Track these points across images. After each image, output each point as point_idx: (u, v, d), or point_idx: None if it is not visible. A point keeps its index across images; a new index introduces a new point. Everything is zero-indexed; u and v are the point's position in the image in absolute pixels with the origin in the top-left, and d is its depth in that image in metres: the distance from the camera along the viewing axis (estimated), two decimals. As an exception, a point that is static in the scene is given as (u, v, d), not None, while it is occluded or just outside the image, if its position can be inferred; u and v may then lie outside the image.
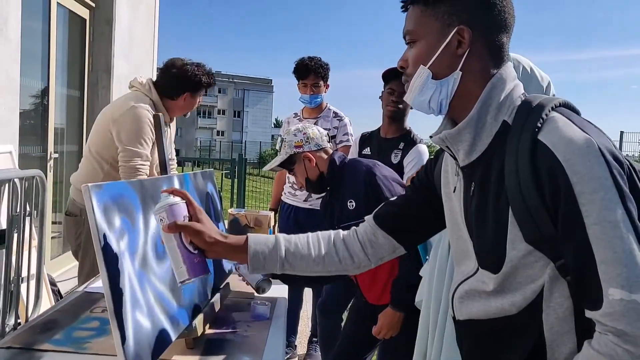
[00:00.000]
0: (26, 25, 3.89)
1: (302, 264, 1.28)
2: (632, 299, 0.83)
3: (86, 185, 1.15)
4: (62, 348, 1.50)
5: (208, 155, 34.00)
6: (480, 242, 1.06)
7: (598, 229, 0.86)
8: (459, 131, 1.05)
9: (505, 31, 1.05)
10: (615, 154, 0.91)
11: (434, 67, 1.06)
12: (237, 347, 1.59)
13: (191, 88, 2.77)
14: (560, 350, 0.97)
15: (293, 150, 2.25)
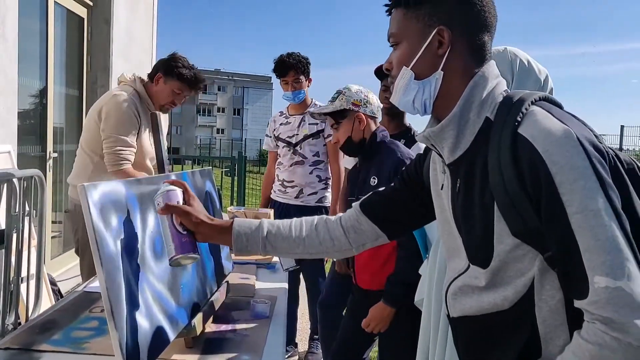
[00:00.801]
0: (24, 25, 3.89)
1: (283, 245, 1.34)
2: (617, 286, 0.84)
3: (82, 185, 1.14)
4: (60, 348, 1.50)
5: (208, 153, 33.98)
6: (468, 237, 1.08)
7: (580, 218, 0.87)
8: (442, 129, 1.07)
9: (486, 30, 1.07)
10: (596, 143, 0.92)
11: (416, 67, 1.08)
12: (236, 345, 1.59)
13: (163, 69, 2.74)
14: (554, 343, 0.98)
15: (350, 105, 2.29)
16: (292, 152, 3.46)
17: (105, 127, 2.65)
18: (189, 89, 2.78)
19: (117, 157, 2.61)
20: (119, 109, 2.63)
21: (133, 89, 2.75)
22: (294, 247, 1.35)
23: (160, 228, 1.30)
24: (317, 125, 3.42)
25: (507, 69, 1.55)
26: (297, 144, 3.44)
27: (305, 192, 3.43)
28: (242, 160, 8.31)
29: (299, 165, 3.43)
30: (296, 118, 3.49)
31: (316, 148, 3.43)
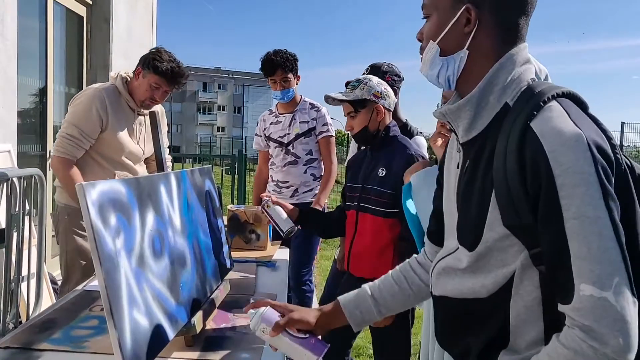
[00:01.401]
0: (23, 24, 3.88)
1: (395, 301, 1.32)
2: (602, 296, 0.84)
3: (80, 184, 1.14)
4: (60, 347, 1.50)
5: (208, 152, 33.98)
6: (462, 217, 1.08)
7: (576, 224, 0.86)
8: (458, 107, 1.05)
9: (520, 11, 1.03)
10: (606, 151, 0.90)
11: (443, 43, 1.06)
12: (236, 344, 1.59)
13: (142, 62, 2.65)
14: (523, 337, 0.99)
15: (370, 96, 2.31)
16: (285, 152, 3.42)
17: (67, 112, 2.62)
18: (167, 83, 2.65)
19: (62, 143, 2.54)
20: (83, 101, 2.58)
21: (111, 85, 2.68)
22: (405, 299, 1.33)
23: (273, 348, 1.29)
24: (308, 123, 3.39)
25: None
26: (289, 143, 3.40)
27: (300, 190, 3.41)
28: (242, 159, 8.30)
29: (293, 165, 3.40)
30: (286, 117, 3.44)
31: (308, 146, 3.40)
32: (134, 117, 2.73)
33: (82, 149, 2.58)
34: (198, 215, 1.83)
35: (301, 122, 3.39)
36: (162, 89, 2.65)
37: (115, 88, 2.66)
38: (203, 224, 1.86)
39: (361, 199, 2.33)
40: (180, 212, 1.66)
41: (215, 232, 1.99)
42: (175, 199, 1.64)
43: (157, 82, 2.62)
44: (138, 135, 2.77)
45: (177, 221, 1.62)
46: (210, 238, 1.91)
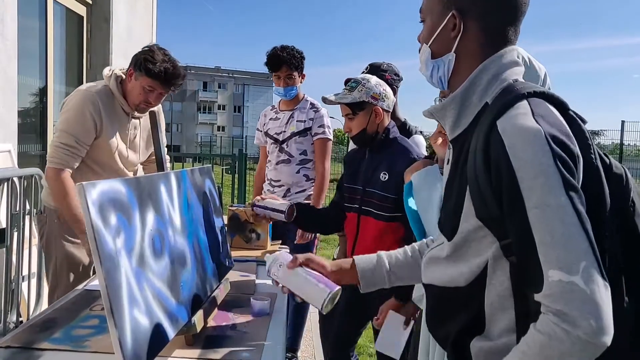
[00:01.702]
0: (23, 23, 3.89)
1: (405, 273, 1.41)
2: (571, 280, 0.86)
3: (80, 183, 1.14)
4: (61, 346, 1.50)
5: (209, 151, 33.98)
6: (444, 208, 1.16)
7: (538, 213, 0.90)
8: (443, 106, 1.12)
9: (508, 17, 1.08)
10: (567, 145, 0.94)
11: (433, 46, 1.13)
12: (237, 343, 1.59)
13: (134, 63, 2.46)
14: (496, 325, 1.03)
15: (369, 98, 2.26)
16: (279, 149, 3.37)
17: (59, 120, 2.44)
18: (161, 86, 2.44)
19: (57, 153, 2.36)
20: (75, 105, 2.39)
21: (104, 85, 2.49)
22: (414, 273, 1.39)
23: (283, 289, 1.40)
24: (305, 122, 3.33)
25: None
26: (283, 141, 3.35)
27: (292, 190, 3.35)
28: (242, 158, 8.30)
29: (285, 164, 3.35)
30: (285, 114, 3.39)
31: (303, 146, 3.34)
32: (127, 121, 2.56)
33: (79, 157, 2.41)
34: (198, 214, 1.84)
35: (298, 120, 3.34)
36: (157, 91, 2.46)
37: (107, 90, 2.48)
38: (203, 224, 1.87)
39: (363, 203, 2.31)
40: (180, 211, 1.66)
41: (216, 232, 1.99)
42: (175, 199, 1.65)
43: (150, 85, 2.43)
44: (132, 140, 2.62)
45: (178, 220, 1.62)
46: (211, 237, 1.91)
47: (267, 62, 3.32)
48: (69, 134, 2.36)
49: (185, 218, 1.69)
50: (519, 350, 0.93)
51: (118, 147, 2.51)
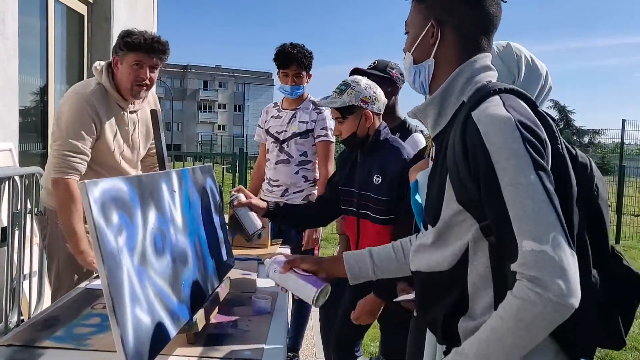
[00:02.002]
0: (24, 22, 3.88)
1: (389, 267, 1.53)
2: (542, 249, 0.97)
3: (82, 182, 1.14)
4: (63, 345, 1.51)
5: (209, 150, 33.98)
6: (428, 198, 1.27)
7: (511, 190, 1.01)
8: (425, 107, 1.24)
9: (481, 27, 1.21)
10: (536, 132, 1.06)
11: (415, 53, 1.26)
12: (238, 341, 1.59)
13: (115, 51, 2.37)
14: (478, 304, 1.12)
15: (358, 102, 2.24)
16: (279, 148, 3.31)
17: (56, 127, 2.34)
18: (146, 55, 2.33)
19: (63, 162, 2.27)
20: (72, 109, 2.30)
21: (97, 83, 2.39)
22: (398, 267, 1.53)
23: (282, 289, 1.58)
24: (307, 124, 3.25)
25: (513, 63, 1.58)
26: (284, 141, 3.29)
27: (290, 190, 3.30)
28: (243, 157, 8.30)
29: (285, 164, 3.28)
30: (288, 113, 3.32)
31: (304, 148, 3.27)
32: (125, 118, 2.49)
33: (86, 162, 2.33)
34: (199, 213, 1.84)
35: (300, 121, 3.27)
36: (145, 64, 2.35)
37: (101, 88, 2.38)
38: (204, 222, 1.87)
39: (360, 206, 2.30)
40: (181, 210, 1.66)
41: (217, 230, 1.99)
42: (176, 197, 1.65)
43: (136, 60, 2.33)
44: (131, 137, 2.56)
45: (179, 219, 1.63)
46: (212, 236, 1.91)
47: (276, 58, 3.24)
48: (74, 141, 2.28)
49: (186, 216, 1.69)
50: (497, 315, 1.03)
51: (118, 145, 2.47)
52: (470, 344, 1.06)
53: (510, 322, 1.00)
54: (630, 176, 11.96)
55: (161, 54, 2.37)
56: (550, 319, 0.97)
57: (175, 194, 1.65)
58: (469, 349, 1.06)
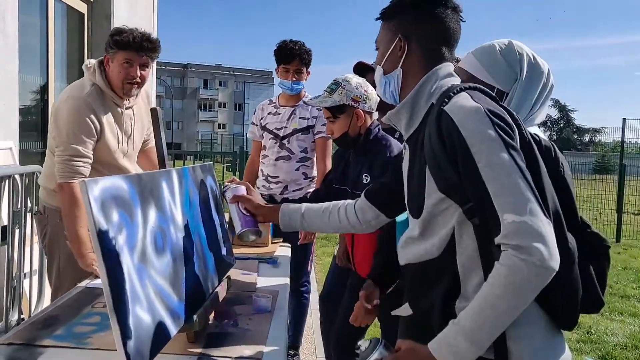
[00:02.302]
0: (24, 21, 3.88)
1: (315, 222, 1.75)
2: (522, 220, 1.09)
3: (83, 180, 1.14)
4: (63, 343, 1.51)
5: (209, 149, 33.98)
6: (409, 194, 1.38)
7: (488, 170, 1.13)
8: (397, 111, 1.37)
9: (442, 41, 1.36)
10: (504, 117, 1.19)
11: (385, 65, 1.41)
12: (238, 340, 1.59)
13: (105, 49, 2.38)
14: (470, 283, 1.22)
15: (349, 101, 2.25)
16: (279, 145, 3.29)
17: (56, 133, 2.35)
18: (136, 54, 2.33)
19: (68, 168, 2.28)
20: (71, 114, 2.30)
21: (92, 84, 2.39)
22: (322, 225, 1.75)
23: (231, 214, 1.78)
24: (308, 120, 3.26)
25: (515, 61, 1.58)
26: (284, 137, 3.28)
27: (290, 188, 3.29)
28: (243, 155, 8.31)
29: (285, 160, 3.28)
30: (287, 110, 3.32)
31: (304, 144, 3.27)
32: (121, 115, 2.49)
33: (90, 165, 2.34)
34: (200, 211, 1.84)
35: (301, 117, 3.27)
36: (135, 62, 2.35)
37: (97, 89, 2.39)
38: (205, 221, 1.87)
39: None
40: (182, 208, 1.66)
41: (217, 229, 1.99)
42: (177, 196, 1.65)
43: (126, 58, 2.33)
44: (129, 132, 2.56)
45: (179, 218, 1.62)
46: (212, 235, 1.91)
47: (277, 53, 3.25)
48: (77, 145, 2.29)
49: (186, 215, 1.69)
50: (487, 284, 1.13)
51: (118, 143, 2.48)
52: (465, 314, 1.15)
53: (500, 289, 1.10)
54: (631, 175, 11.96)
55: (151, 52, 2.37)
56: (536, 282, 1.08)
57: (175, 193, 1.64)
58: (464, 319, 1.14)
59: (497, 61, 1.58)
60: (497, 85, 1.57)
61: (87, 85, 2.39)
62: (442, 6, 1.34)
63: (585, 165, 21.16)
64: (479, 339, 1.12)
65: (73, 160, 2.28)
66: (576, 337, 4.16)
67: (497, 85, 1.57)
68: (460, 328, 1.14)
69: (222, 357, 1.48)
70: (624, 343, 4.09)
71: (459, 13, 1.37)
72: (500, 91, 1.58)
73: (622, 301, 5.28)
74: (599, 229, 1.34)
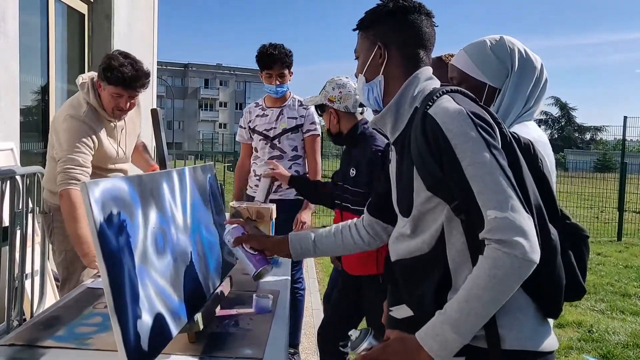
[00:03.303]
0: (24, 21, 3.88)
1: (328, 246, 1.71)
2: (503, 215, 1.14)
3: (83, 182, 1.14)
4: (64, 344, 1.51)
5: (210, 148, 33.99)
6: (398, 194, 1.43)
7: (471, 169, 1.18)
8: (382, 116, 1.43)
9: (420, 46, 1.41)
10: (485, 118, 1.24)
11: (367, 73, 1.46)
12: (239, 340, 1.59)
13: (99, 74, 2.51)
14: (461, 276, 1.25)
15: (325, 101, 2.54)
16: (270, 145, 3.38)
17: (58, 148, 2.51)
18: (124, 90, 2.49)
19: (67, 176, 2.42)
20: (70, 132, 2.48)
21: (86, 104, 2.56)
22: (337, 248, 1.72)
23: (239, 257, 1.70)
24: (296, 119, 3.35)
25: (506, 57, 1.58)
26: (275, 137, 3.36)
27: (283, 186, 3.27)
28: (244, 155, 8.29)
29: (278, 159, 3.33)
30: (274, 111, 3.40)
31: (295, 143, 3.37)
32: (114, 128, 2.67)
33: (88, 174, 2.48)
34: (200, 212, 1.84)
35: (289, 117, 3.36)
36: (124, 96, 2.52)
37: (91, 108, 2.56)
38: (205, 221, 1.87)
39: (342, 199, 2.47)
40: (182, 209, 1.66)
41: (218, 229, 1.99)
42: (177, 196, 1.65)
43: (115, 92, 2.49)
44: (119, 140, 2.73)
45: (180, 218, 1.63)
46: (213, 235, 1.91)
47: (258, 60, 3.34)
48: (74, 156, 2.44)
49: (187, 216, 1.69)
50: (472, 276, 1.18)
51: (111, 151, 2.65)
52: (451, 304, 1.20)
53: (485, 280, 1.15)
54: (632, 173, 11.94)
55: (140, 88, 2.53)
56: (519, 274, 1.14)
57: (176, 193, 1.64)
58: (450, 310, 1.20)
59: (487, 57, 1.58)
60: (488, 82, 1.58)
61: (83, 104, 2.56)
62: (416, 13, 1.41)
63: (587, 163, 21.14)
64: (464, 328, 1.18)
65: (71, 168, 2.42)
66: (577, 336, 4.15)
67: (488, 81, 1.58)
68: (446, 318, 1.19)
69: (223, 357, 1.48)
70: (625, 342, 4.08)
71: (432, 18, 1.45)
72: (493, 88, 1.58)
73: (624, 300, 5.28)
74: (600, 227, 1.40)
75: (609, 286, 5.76)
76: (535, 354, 1.24)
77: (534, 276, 1.17)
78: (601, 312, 4.87)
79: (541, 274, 1.20)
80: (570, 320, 4.44)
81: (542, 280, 1.22)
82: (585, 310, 4.88)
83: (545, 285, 1.25)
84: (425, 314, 1.27)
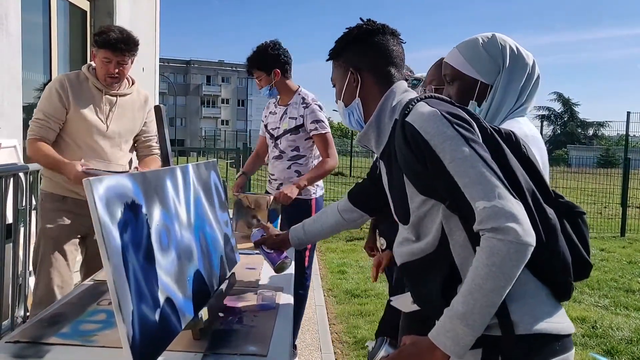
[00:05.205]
0: (26, 19, 3.89)
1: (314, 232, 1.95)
2: (492, 204, 1.17)
3: (87, 179, 1.14)
4: (69, 341, 1.51)
5: (213, 145, 34.00)
6: (394, 203, 1.47)
7: (453, 165, 1.22)
8: (365, 132, 1.49)
9: (390, 64, 1.49)
10: (461, 115, 1.29)
11: (344, 99, 1.54)
12: (243, 337, 1.59)
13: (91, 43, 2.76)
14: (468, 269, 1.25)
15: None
16: (274, 145, 3.41)
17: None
18: (112, 53, 2.65)
19: (30, 127, 2.66)
20: (46, 88, 2.72)
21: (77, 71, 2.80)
22: (321, 232, 1.95)
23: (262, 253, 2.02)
24: (296, 120, 3.29)
25: (497, 54, 1.60)
26: (277, 137, 3.38)
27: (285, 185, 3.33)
28: (247, 152, 8.29)
29: (278, 159, 3.38)
30: (281, 109, 3.39)
31: (295, 143, 3.32)
32: (100, 97, 2.76)
33: (50, 129, 2.65)
34: (204, 209, 1.84)
35: (290, 117, 3.33)
36: (113, 60, 2.67)
37: (79, 73, 2.77)
38: (209, 218, 1.87)
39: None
40: (186, 206, 1.66)
41: (221, 226, 1.99)
42: (181, 193, 1.65)
43: (105, 56, 2.66)
44: (106, 114, 2.78)
45: (184, 215, 1.62)
46: (217, 232, 1.91)
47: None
48: (38, 110, 2.67)
49: (191, 213, 1.69)
50: (472, 268, 1.20)
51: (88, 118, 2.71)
52: (456, 299, 1.22)
53: (484, 269, 1.16)
54: (636, 168, 11.91)
55: (127, 52, 2.69)
56: (516, 258, 1.15)
57: (179, 190, 1.64)
58: (457, 304, 1.21)
59: (479, 54, 1.60)
60: (480, 78, 1.60)
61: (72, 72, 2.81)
62: (380, 34, 1.49)
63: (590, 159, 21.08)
64: (472, 320, 1.18)
65: (34, 120, 2.64)
66: (581, 332, 4.15)
67: (480, 78, 1.60)
68: (454, 313, 1.20)
69: (227, 353, 1.48)
70: (630, 337, 4.07)
71: (397, 37, 1.51)
72: (485, 84, 1.60)
73: (627, 295, 5.27)
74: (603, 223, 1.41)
75: (612, 282, 5.75)
76: (551, 337, 1.25)
77: (539, 258, 1.19)
78: (605, 307, 4.86)
79: (546, 255, 1.22)
80: (574, 316, 4.43)
81: (548, 260, 1.25)
82: (588, 306, 4.87)
83: (553, 265, 1.27)
84: (436, 310, 1.29)
